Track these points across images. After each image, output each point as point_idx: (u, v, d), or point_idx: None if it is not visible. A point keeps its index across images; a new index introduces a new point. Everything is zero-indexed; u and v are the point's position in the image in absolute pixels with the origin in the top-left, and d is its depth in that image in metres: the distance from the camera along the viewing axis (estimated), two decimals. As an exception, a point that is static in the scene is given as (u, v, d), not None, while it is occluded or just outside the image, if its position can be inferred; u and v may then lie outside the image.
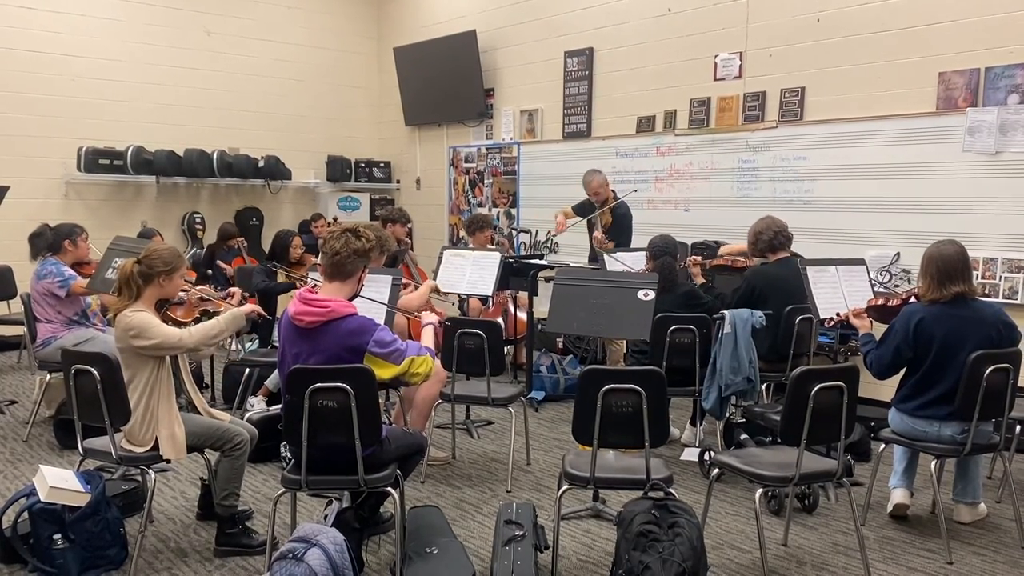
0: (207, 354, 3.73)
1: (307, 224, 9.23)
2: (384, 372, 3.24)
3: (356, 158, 10.92)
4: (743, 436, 4.94)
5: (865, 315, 4.29)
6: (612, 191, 6.97)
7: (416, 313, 4.17)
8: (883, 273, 6.20)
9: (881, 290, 5.97)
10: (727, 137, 7.29)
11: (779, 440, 3.50)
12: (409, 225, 7.12)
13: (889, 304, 4.24)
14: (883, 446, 4.27)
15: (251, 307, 3.70)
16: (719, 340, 4.89)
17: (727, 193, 7.33)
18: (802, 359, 5.09)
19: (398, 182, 11.09)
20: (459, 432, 5.76)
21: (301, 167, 10.34)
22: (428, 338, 3.59)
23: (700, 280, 5.61)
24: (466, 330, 4.83)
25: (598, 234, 6.64)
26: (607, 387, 3.29)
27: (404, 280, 5.01)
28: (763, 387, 5.21)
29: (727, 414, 5.07)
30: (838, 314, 4.51)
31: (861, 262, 5.04)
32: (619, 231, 6.79)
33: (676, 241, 5.65)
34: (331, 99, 10.64)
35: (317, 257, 6.52)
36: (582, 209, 6.93)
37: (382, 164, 11.00)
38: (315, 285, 3.56)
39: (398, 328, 5.55)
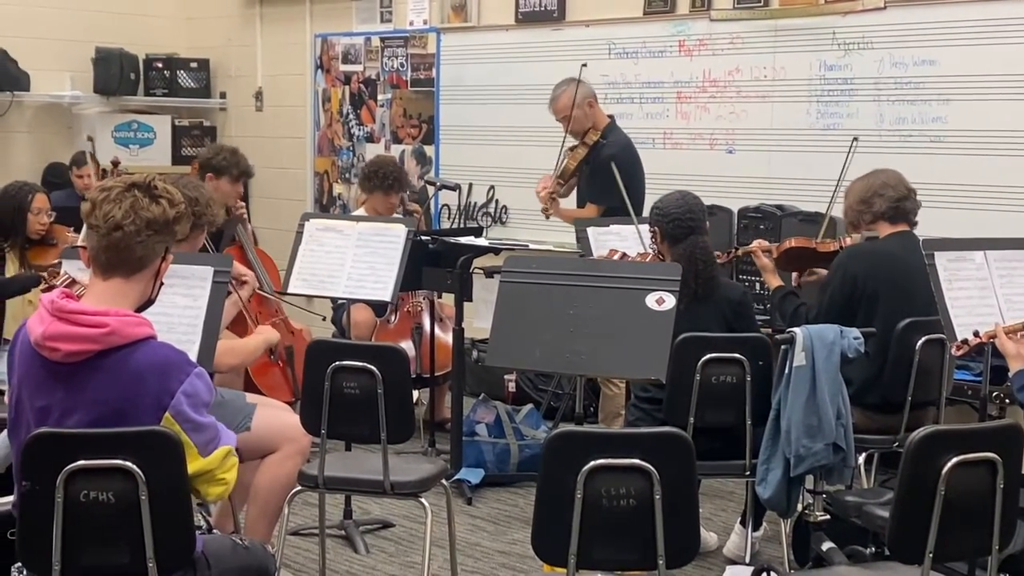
0: None
1: (60, 173, 8.12)
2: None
3: (148, 53, 9.64)
4: (827, 546, 4.55)
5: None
6: (610, 117, 6.35)
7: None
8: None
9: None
10: (801, 25, 6.70)
11: (888, 552, 3.29)
12: (242, 179, 6.39)
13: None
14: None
15: None
16: (786, 378, 4.45)
17: (800, 121, 6.79)
18: (927, 412, 4.74)
19: (223, 96, 9.87)
20: (334, 543, 5.19)
21: (48, 70, 9.10)
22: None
23: (775, 283, 5.11)
24: (345, 363, 4.17)
25: (547, 183, 6.08)
26: (593, 464, 2.93)
27: (237, 273, 4.48)
28: (861, 460, 4.92)
29: (799, 507, 4.70)
30: (976, 333, 4.02)
31: (1030, 244, 4.95)
32: (600, 189, 6.11)
33: (704, 206, 5.19)
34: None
35: (78, 232, 6.27)
36: None
37: (194, 65, 9.79)
38: (72, 283, 3.23)
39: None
